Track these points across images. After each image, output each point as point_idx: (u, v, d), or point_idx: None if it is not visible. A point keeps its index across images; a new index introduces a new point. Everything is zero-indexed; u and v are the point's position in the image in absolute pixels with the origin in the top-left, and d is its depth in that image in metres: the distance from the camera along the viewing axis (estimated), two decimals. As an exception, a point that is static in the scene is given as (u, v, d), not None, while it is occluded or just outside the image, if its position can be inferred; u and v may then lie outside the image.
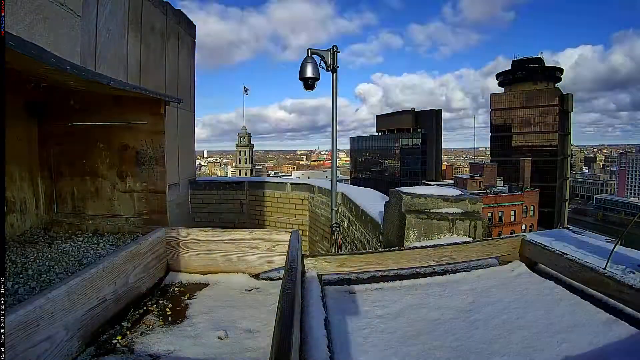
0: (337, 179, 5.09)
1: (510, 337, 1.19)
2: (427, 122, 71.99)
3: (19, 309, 0.95)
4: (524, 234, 1.93)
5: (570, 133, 61.64)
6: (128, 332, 1.28)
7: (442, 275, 1.75)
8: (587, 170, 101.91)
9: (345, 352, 1.13)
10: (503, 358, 1.09)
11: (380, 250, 2.25)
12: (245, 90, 50.55)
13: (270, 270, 1.77)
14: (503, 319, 1.31)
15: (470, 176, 48.47)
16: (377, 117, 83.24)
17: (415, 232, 2.42)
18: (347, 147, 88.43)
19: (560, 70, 64.45)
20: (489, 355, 1.10)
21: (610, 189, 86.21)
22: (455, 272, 1.78)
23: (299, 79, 4.48)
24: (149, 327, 1.32)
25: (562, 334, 1.18)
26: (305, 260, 1.59)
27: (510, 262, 1.79)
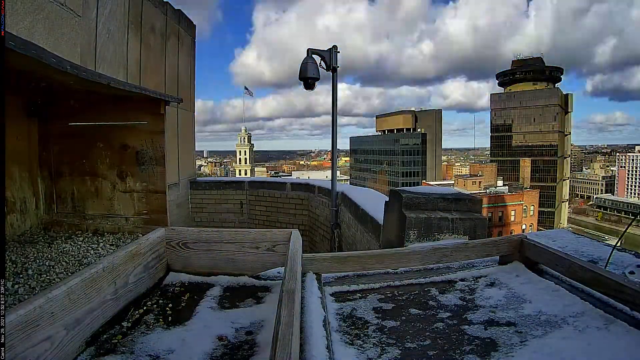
0: (337, 179, 5.10)
1: (509, 336, 1.19)
2: (427, 122, 72.03)
3: (19, 309, 0.95)
4: (524, 234, 1.93)
5: (570, 133, 61.71)
6: (128, 332, 1.28)
7: (441, 275, 1.76)
8: (587, 170, 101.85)
9: (345, 352, 1.13)
10: (501, 356, 1.09)
11: (380, 250, 2.25)
12: (249, 92, 50.23)
13: (270, 270, 1.77)
14: (502, 319, 1.31)
15: (470, 176, 48.52)
16: (377, 117, 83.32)
17: (415, 232, 2.42)
18: (347, 147, 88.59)
19: (560, 70, 64.46)
20: (487, 353, 1.10)
21: (610, 189, 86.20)
22: (455, 272, 1.79)
23: (299, 78, 4.50)
24: (149, 327, 1.32)
25: (562, 334, 1.18)
26: (305, 260, 1.59)
27: (510, 262, 1.79)
